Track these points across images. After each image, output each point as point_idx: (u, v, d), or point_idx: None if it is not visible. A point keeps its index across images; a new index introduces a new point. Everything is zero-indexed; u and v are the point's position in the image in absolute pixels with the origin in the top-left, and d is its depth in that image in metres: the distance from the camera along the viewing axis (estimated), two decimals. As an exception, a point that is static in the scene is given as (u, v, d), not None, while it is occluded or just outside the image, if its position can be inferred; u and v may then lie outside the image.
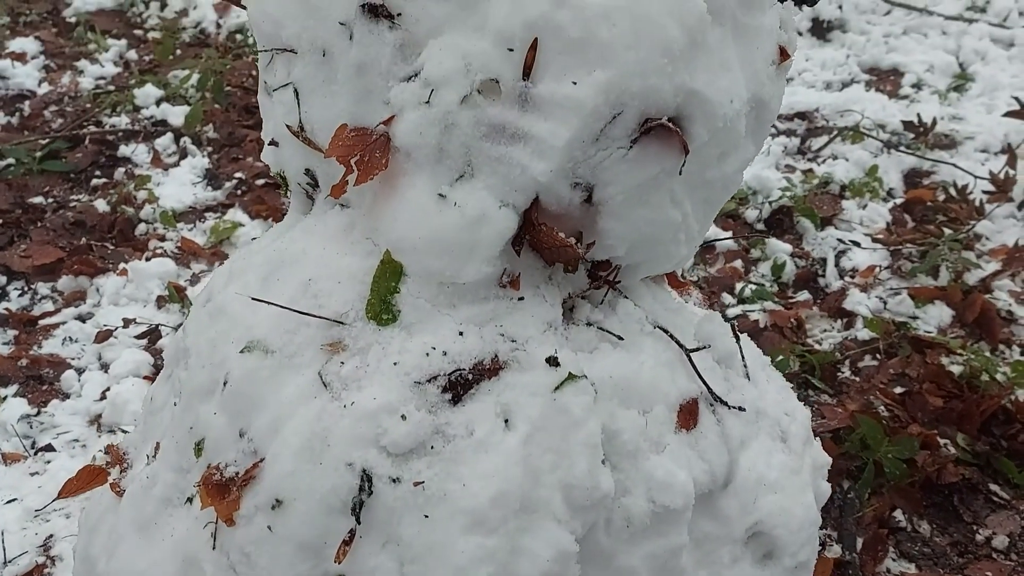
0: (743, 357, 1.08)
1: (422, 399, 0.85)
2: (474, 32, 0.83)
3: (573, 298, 0.95)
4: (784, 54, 0.94)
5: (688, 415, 0.93)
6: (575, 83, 0.80)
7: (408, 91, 0.85)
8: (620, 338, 0.93)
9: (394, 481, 0.82)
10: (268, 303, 0.86)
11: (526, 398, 0.85)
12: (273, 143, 0.98)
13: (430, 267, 0.87)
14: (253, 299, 0.87)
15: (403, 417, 0.83)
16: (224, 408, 0.88)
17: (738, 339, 1.10)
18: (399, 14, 0.85)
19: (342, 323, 0.88)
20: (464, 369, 0.86)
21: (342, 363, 0.86)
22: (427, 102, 0.84)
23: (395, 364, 0.85)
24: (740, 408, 1.00)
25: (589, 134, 0.83)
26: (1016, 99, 2.76)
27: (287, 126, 0.94)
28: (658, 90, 0.82)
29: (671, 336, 0.96)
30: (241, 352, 0.88)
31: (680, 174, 0.87)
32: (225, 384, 0.88)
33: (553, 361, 0.87)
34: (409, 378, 0.85)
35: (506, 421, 0.85)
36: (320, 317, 0.87)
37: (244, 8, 0.97)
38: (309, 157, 0.95)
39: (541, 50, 0.81)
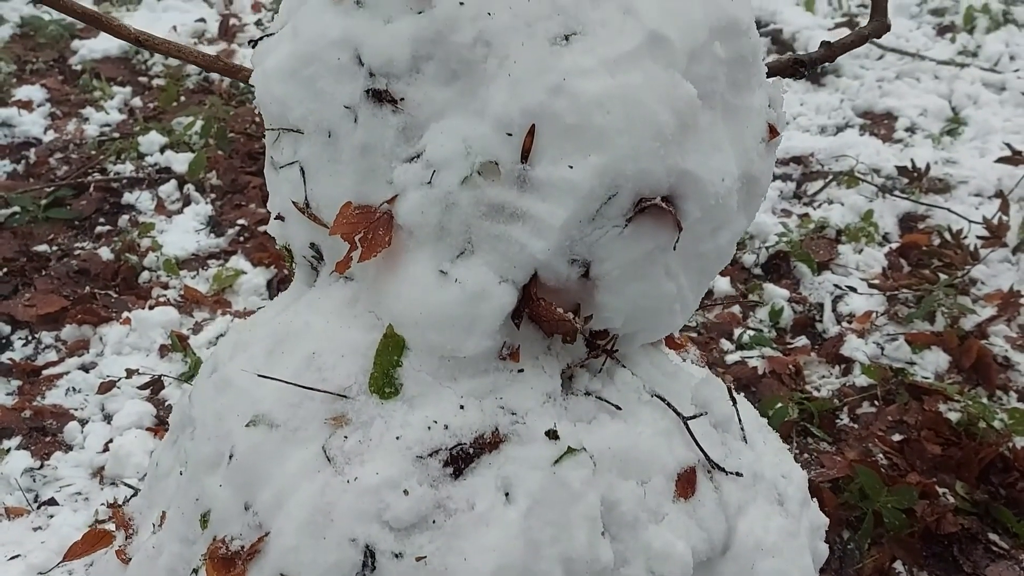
0: (740, 420, 1.10)
1: (424, 473, 0.86)
2: (474, 116, 0.86)
3: (572, 367, 0.97)
4: (773, 131, 0.97)
5: (686, 484, 0.95)
6: (571, 167, 0.83)
7: (411, 172, 0.88)
8: (618, 408, 0.95)
9: (396, 556, 0.83)
10: (273, 379, 0.88)
11: (526, 471, 0.87)
12: (279, 217, 1.01)
13: (432, 341, 0.89)
14: (259, 375, 0.89)
15: (405, 492, 0.84)
16: (230, 481, 0.89)
17: (735, 401, 1.11)
18: (402, 99, 0.89)
19: (345, 397, 0.90)
20: (465, 443, 0.87)
21: (345, 437, 0.88)
22: (429, 183, 0.87)
23: (397, 438, 0.87)
24: (738, 473, 1.02)
25: (585, 214, 0.86)
26: (1008, 145, 2.80)
27: (293, 202, 0.97)
28: (651, 172, 0.85)
29: (668, 404, 0.98)
30: (246, 426, 0.89)
31: (674, 249, 0.90)
32: (231, 457, 0.90)
33: (552, 434, 0.89)
34: (411, 452, 0.87)
35: (507, 494, 0.86)
36: (324, 391, 0.89)
37: (252, 87, 1.00)
38: (314, 232, 0.97)
39: (538, 135, 0.84)
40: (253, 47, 1.01)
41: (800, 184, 3.27)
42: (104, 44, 3.99)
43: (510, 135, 0.85)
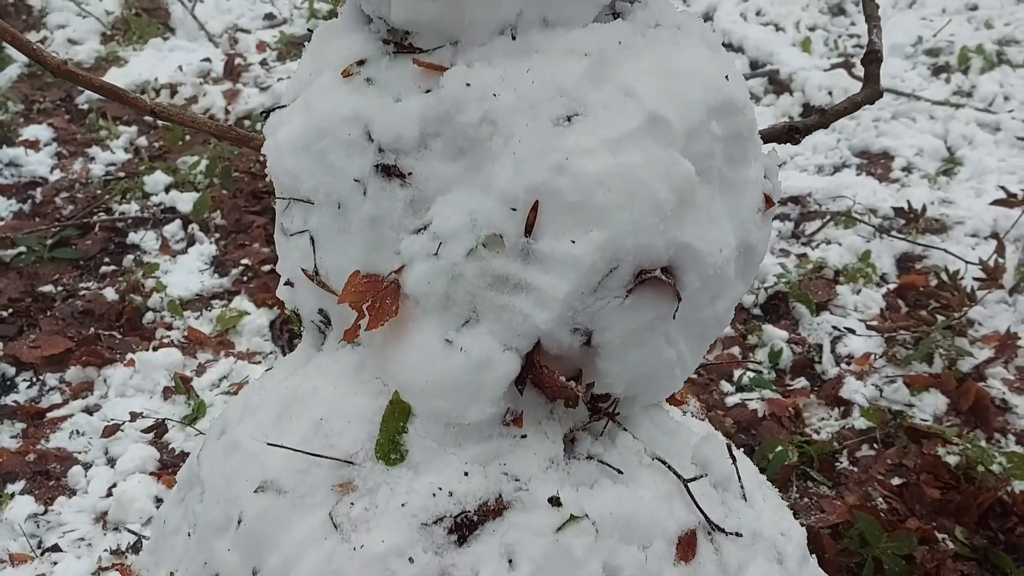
0: (740, 478, 1.12)
1: (429, 541, 0.88)
2: (480, 191, 0.89)
3: (574, 431, 0.99)
4: (769, 201, 1.00)
5: (687, 547, 0.96)
6: (574, 241, 0.86)
7: (418, 243, 0.91)
8: (620, 472, 0.97)
9: (402, 624, 0.85)
10: (281, 447, 0.90)
11: (530, 539, 0.88)
12: (289, 283, 1.03)
13: (437, 409, 0.91)
14: (268, 444, 0.91)
15: (410, 560, 0.86)
16: (237, 546, 0.91)
17: (734, 459, 1.13)
18: (410, 173, 0.92)
19: (352, 463, 0.92)
20: (469, 510, 0.89)
21: (352, 504, 0.90)
22: (435, 254, 0.90)
23: (403, 505, 0.89)
24: (737, 534, 1.03)
25: (587, 287, 0.88)
26: (1002, 188, 2.84)
27: (303, 270, 0.99)
28: (651, 246, 0.87)
29: (669, 467, 1.00)
30: (255, 491, 0.91)
31: (674, 318, 0.92)
32: (239, 522, 0.92)
33: (555, 501, 0.91)
34: (416, 520, 0.88)
35: (510, 562, 0.88)
36: (331, 459, 0.91)
37: (262, 154, 1.03)
38: (323, 298, 1.00)
39: (542, 211, 0.87)
40: (264, 118, 1.04)
41: (798, 224, 3.31)
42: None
43: (514, 210, 0.88)
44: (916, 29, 4.44)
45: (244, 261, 3.01)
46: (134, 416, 2.26)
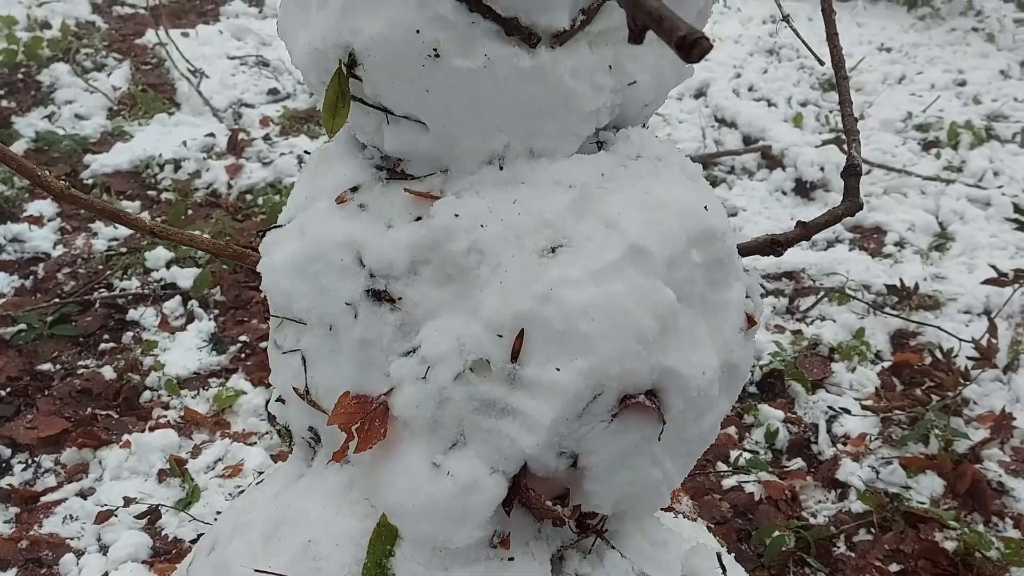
0: (729, 588, 1.12)
1: (416, 667, 0.88)
2: (468, 316, 0.91)
3: (562, 549, 1.00)
4: (751, 321, 1.02)
5: (674, 667, 0.96)
6: (559, 369, 0.88)
7: (406, 366, 0.93)
8: (607, 591, 0.98)
9: None
10: (270, 573, 0.91)
11: (517, 665, 0.89)
12: (280, 399, 1.05)
13: (424, 532, 0.92)
14: (256, 570, 0.92)
15: None
16: (225, 670, 0.91)
17: (724, 569, 1.13)
18: (400, 298, 0.94)
19: (340, 586, 0.92)
20: (456, 637, 0.90)
21: (339, 629, 0.90)
22: (424, 378, 0.92)
23: (390, 630, 0.89)
24: (726, 649, 1.03)
25: (572, 412, 0.90)
26: (993, 267, 2.87)
27: (294, 388, 1.01)
28: (635, 372, 0.90)
29: (656, 585, 1.00)
30: (243, 615, 0.92)
31: (659, 440, 0.94)
32: (227, 645, 0.92)
33: (542, 625, 0.91)
34: (404, 646, 0.89)
35: None
36: (319, 582, 0.92)
37: (259, 273, 1.06)
38: (313, 416, 1.01)
39: (527, 338, 0.89)
40: (261, 237, 1.07)
41: (792, 299, 3.34)
42: (116, 159, 4.12)
43: (501, 336, 0.90)
44: (906, 105, 4.53)
45: (243, 338, 3.03)
46: (128, 501, 2.25)
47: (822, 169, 3.94)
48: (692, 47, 0.53)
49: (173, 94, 4.79)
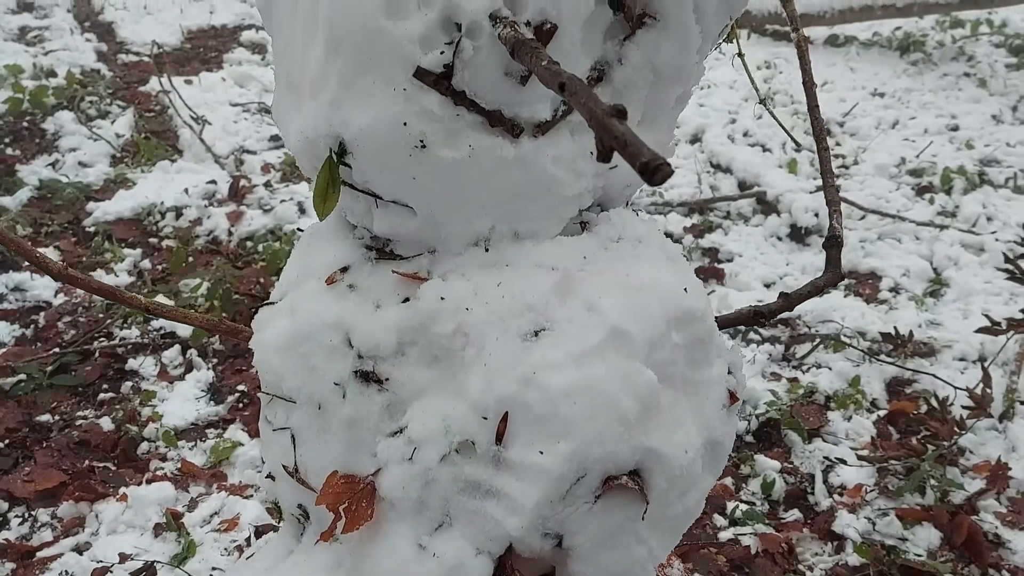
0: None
1: None
2: (454, 397, 0.93)
3: (548, 625, 1.01)
4: (733, 397, 1.04)
5: None
6: (542, 452, 0.90)
7: (393, 447, 0.95)
8: (592, 669, 0.98)
9: None
10: (258, 654, 0.92)
11: None
12: (270, 476, 1.07)
13: (411, 612, 0.93)
14: (244, 652, 0.93)
15: None
16: None
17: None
18: (387, 379, 0.96)
19: (327, 667, 0.93)
20: None
21: None
22: (410, 459, 0.94)
23: None
24: None
25: (556, 495, 0.91)
26: (986, 316, 2.89)
27: (283, 466, 1.03)
28: (617, 453, 0.91)
29: (642, 662, 1.01)
30: None
31: (643, 519, 0.95)
32: None
33: None
34: None
35: None
36: (307, 663, 0.93)
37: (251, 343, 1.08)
38: (302, 494, 1.03)
39: (511, 421, 0.91)
40: (254, 313, 1.09)
41: (788, 347, 3.35)
42: (118, 206, 4.17)
43: (486, 419, 0.92)
44: (899, 150, 4.58)
45: (240, 387, 3.05)
46: (123, 558, 2.25)
47: (816, 215, 3.98)
48: (654, 172, 0.55)
49: (176, 141, 4.85)
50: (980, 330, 3.00)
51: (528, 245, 0.99)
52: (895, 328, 3.20)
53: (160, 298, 3.48)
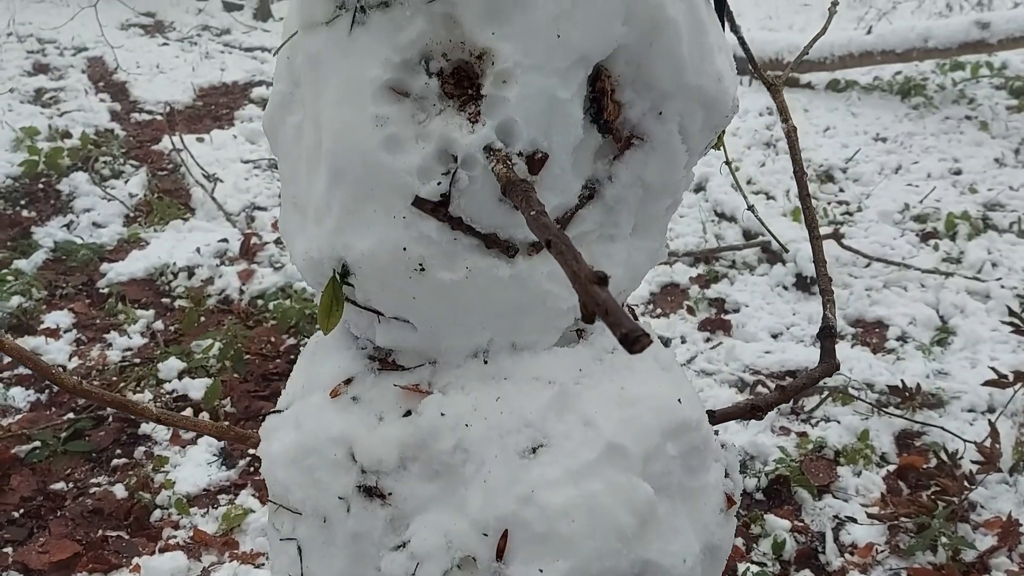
0: None
1: None
2: (455, 512, 0.96)
3: None
4: (730, 501, 1.06)
5: None
6: (542, 571, 0.92)
7: (397, 562, 0.97)
8: None
9: None
10: None
11: None
12: (278, 583, 1.10)
13: None
14: None
15: None
16: None
17: None
18: (390, 493, 0.99)
19: None
20: None
21: None
22: (413, 574, 0.96)
23: None
24: None
25: (557, 611, 0.94)
26: (993, 369, 2.89)
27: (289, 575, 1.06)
28: (616, 568, 0.94)
29: None
30: None
31: (642, 627, 0.97)
32: None
33: None
34: None
35: None
36: None
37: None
38: (310, 604, 1.05)
39: (511, 538, 0.93)
40: (262, 421, 1.13)
41: (796, 399, 3.36)
42: (131, 267, 4.23)
43: (486, 535, 0.94)
44: (903, 195, 4.62)
45: (252, 451, 3.07)
46: (135, 633, 2.27)
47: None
48: (633, 343, 0.59)
49: (188, 199, 4.93)
50: (987, 383, 3.00)
51: (526, 357, 1.02)
52: (902, 381, 3.20)
53: (173, 360, 3.53)
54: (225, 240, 4.47)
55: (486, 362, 1.02)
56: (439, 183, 0.93)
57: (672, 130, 1.01)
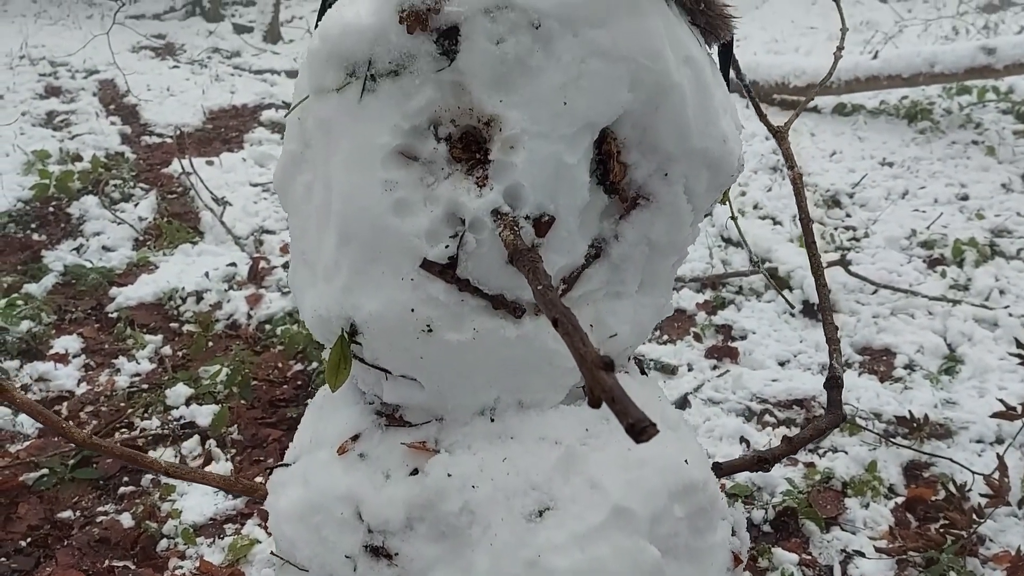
0: None
1: None
2: (461, 574, 0.96)
3: None
4: (737, 559, 1.06)
5: None
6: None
7: (403, 622, 0.98)
8: None
9: None
10: None
11: None
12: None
13: None
14: None
15: None
16: None
17: None
18: (396, 554, 1.00)
19: None
20: None
21: None
22: (420, 635, 0.97)
23: None
24: None
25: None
26: (1001, 401, 2.88)
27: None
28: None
29: None
30: None
31: None
32: None
33: None
34: None
35: None
36: None
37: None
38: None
39: (519, 602, 0.94)
40: (268, 475, 1.13)
41: (804, 429, 3.34)
42: (140, 291, 4.26)
43: (494, 602, 0.95)
44: (910, 221, 4.61)
45: (258, 479, 3.08)
46: (141, 667, 2.27)
47: (829, 291, 3.99)
48: (640, 433, 0.59)
49: (197, 223, 4.96)
50: (995, 415, 2.99)
51: (532, 415, 1.02)
52: (910, 412, 3.19)
53: (181, 386, 3.54)
54: (234, 264, 4.49)
55: (493, 420, 1.03)
56: (447, 246, 0.94)
57: (678, 191, 1.02)
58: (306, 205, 1.04)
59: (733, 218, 1.49)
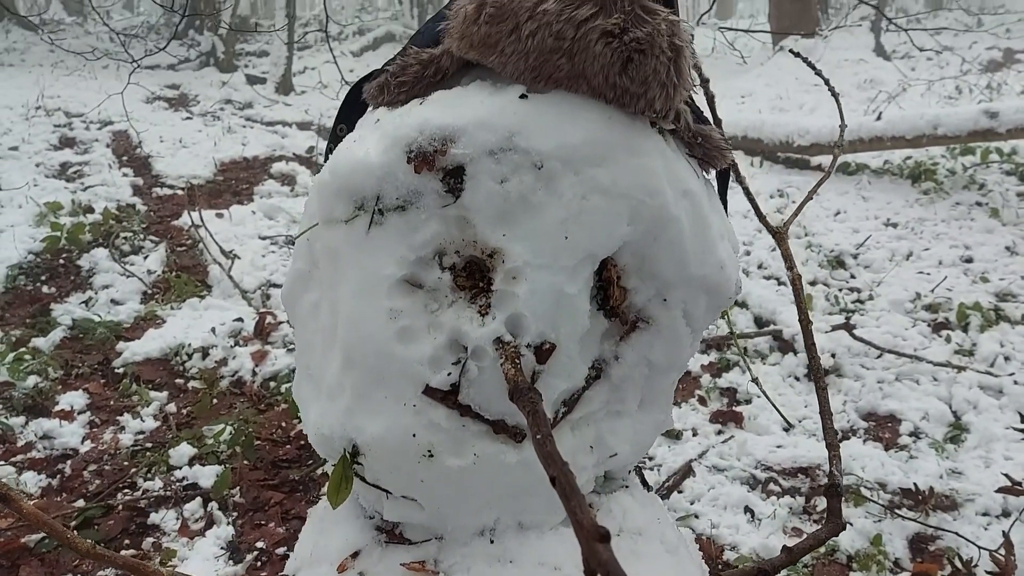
0: None
1: None
2: None
3: None
4: None
5: None
6: None
7: None
8: None
9: None
10: None
11: None
12: None
13: None
14: None
15: None
16: None
17: None
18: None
19: None
20: None
21: None
22: None
23: None
24: None
25: None
26: (1007, 476, 2.87)
27: None
28: None
29: None
30: None
31: None
32: None
33: None
34: None
35: None
36: None
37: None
38: None
39: None
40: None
41: (808, 498, 3.33)
42: (146, 346, 4.28)
43: None
44: (914, 283, 4.62)
45: (260, 544, 3.06)
46: None
47: (833, 356, 4.00)
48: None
49: (205, 276, 5.00)
50: (1001, 490, 2.97)
51: (532, 538, 1.03)
52: (915, 485, 3.18)
53: (184, 446, 3.55)
54: (240, 319, 4.51)
55: (492, 541, 1.04)
56: (449, 373, 0.96)
57: (676, 315, 1.04)
58: (312, 322, 1.07)
59: (731, 334, 1.50)
